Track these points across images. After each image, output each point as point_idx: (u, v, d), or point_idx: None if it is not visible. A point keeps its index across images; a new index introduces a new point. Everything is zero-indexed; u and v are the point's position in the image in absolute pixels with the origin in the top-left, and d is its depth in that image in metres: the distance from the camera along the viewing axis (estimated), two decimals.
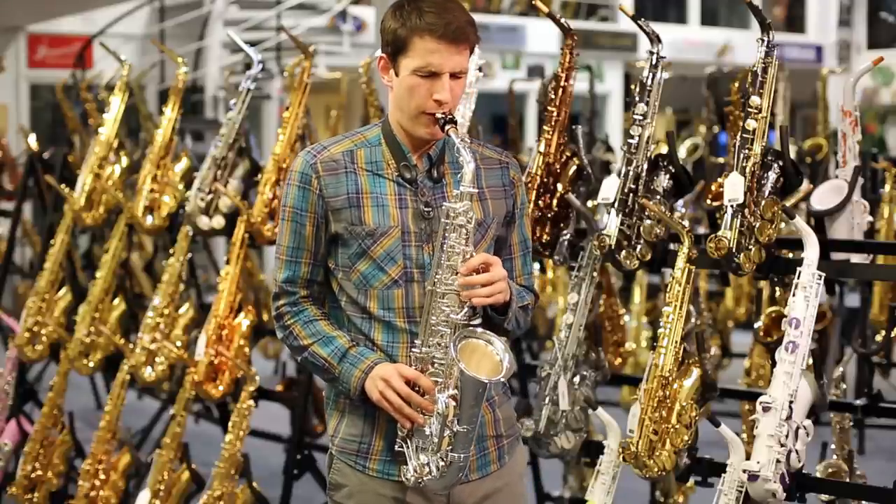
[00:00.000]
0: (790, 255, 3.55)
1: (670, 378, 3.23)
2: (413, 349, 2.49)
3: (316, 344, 2.56)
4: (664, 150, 3.74)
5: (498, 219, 2.61)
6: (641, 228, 3.56)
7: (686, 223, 3.35)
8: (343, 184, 2.53)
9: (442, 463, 2.44)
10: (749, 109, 3.35)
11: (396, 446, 2.49)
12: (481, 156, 2.62)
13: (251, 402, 4.26)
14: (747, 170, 3.31)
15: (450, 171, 2.56)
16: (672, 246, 3.64)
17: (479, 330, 2.48)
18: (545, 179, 3.88)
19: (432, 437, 2.45)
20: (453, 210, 2.45)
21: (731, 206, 3.29)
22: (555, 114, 3.91)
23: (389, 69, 2.54)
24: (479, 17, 2.56)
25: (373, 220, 2.52)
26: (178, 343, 4.62)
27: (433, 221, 2.51)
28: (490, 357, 2.46)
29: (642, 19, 3.55)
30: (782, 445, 3.10)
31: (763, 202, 3.33)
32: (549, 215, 3.89)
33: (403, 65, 2.49)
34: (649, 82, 3.57)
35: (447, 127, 2.46)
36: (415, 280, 2.52)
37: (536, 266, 7.26)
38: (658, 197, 3.59)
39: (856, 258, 3.47)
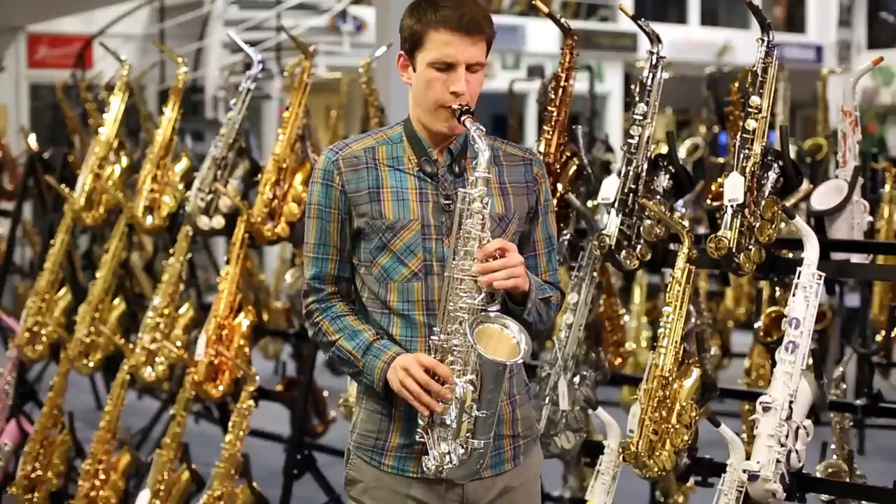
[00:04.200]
0: (790, 255, 3.56)
1: (670, 378, 3.24)
2: (432, 337, 2.49)
3: (342, 338, 2.57)
4: (664, 150, 3.75)
5: (520, 213, 2.61)
6: (641, 228, 3.56)
7: (686, 223, 3.35)
8: (364, 179, 2.55)
9: (462, 450, 2.45)
10: (749, 109, 3.35)
11: (417, 437, 2.50)
12: (504, 152, 2.64)
13: (251, 402, 4.26)
14: (747, 170, 3.31)
15: (471, 166, 2.55)
16: (672, 246, 3.64)
17: (494, 314, 2.48)
18: None
19: (452, 423, 2.45)
20: (469, 195, 2.46)
21: (731, 206, 3.30)
22: (555, 114, 3.91)
23: (408, 66, 2.57)
24: None
25: (393, 213, 2.53)
26: (178, 343, 4.62)
27: (453, 215, 2.52)
28: (507, 340, 2.46)
29: (642, 19, 3.55)
30: (782, 445, 3.10)
31: (763, 202, 3.33)
32: None
33: (420, 59, 2.52)
34: (649, 82, 3.57)
35: (463, 117, 2.48)
36: (434, 273, 2.53)
37: None
38: (658, 197, 3.59)
39: (856, 258, 3.47)
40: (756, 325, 5.01)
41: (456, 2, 2.49)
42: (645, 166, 3.57)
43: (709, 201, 4.62)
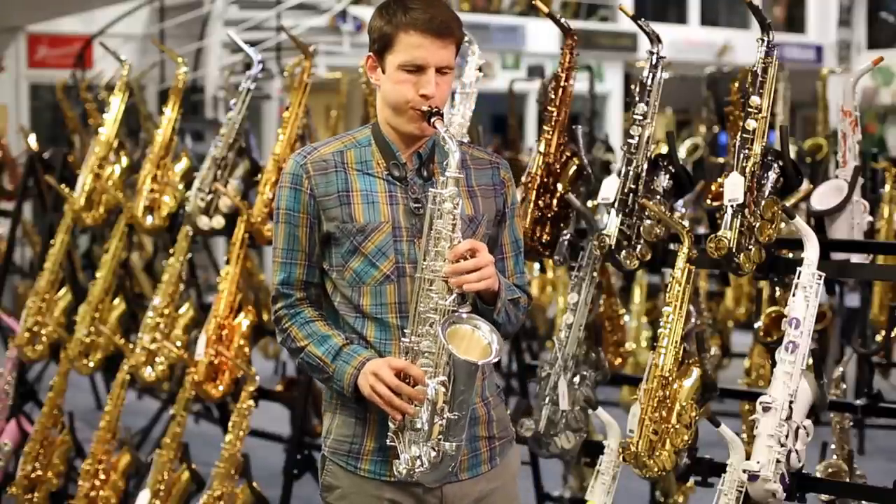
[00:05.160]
0: (790, 255, 3.56)
1: (670, 378, 3.24)
2: (403, 339, 2.48)
3: (311, 344, 2.56)
4: (664, 150, 3.75)
5: (489, 216, 2.61)
6: (641, 228, 3.56)
7: (686, 223, 3.35)
8: (333, 183, 2.55)
9: (433, 453, 2.43)
10: (749, 109, 3.35)
11: (388, 440, 2.48)
12: (472, 157, 2.63)
13: (251, 402, 4.26)
14: (747, 170, 3.31)
15: (440, 171, 2.55)
16: (672, 246, 3.64)
17: (465, 315, 2.47)
18: (545, 179, 3.88)
19: (423, 425, 2.43)
20: (440, 195, 2.45)
21: (731, 206, 3.30)
22: (555, 114, 3.91)
23: (377, 68, 2.56)
24: (479, 17, 2.59)
25: (363, 216, 2.53)
26: (178, 343, 4.62)
27: (423, 217, 2.51)
28: (478, 341, 2.45)
29: (642, 19, 3.55)
30: (782, 445, 3.10)
31: (763, 202, 3.33)
32: (549, 215, 3.89)
33: (389, 61, 2.51)
34: (649, 82, 3.57)
35: (433, 119, 2.48)
36: (407, 275, 2.52)
37: (536, 266, 7.26)
38: (658, 197, 3.59)
39: (856, 258, 3.47)
40: (756, 325, 5.01)
41: (426, 4, 2.48)
42: (645, 166, 3.57)
43: (709, 201, 4.63)
